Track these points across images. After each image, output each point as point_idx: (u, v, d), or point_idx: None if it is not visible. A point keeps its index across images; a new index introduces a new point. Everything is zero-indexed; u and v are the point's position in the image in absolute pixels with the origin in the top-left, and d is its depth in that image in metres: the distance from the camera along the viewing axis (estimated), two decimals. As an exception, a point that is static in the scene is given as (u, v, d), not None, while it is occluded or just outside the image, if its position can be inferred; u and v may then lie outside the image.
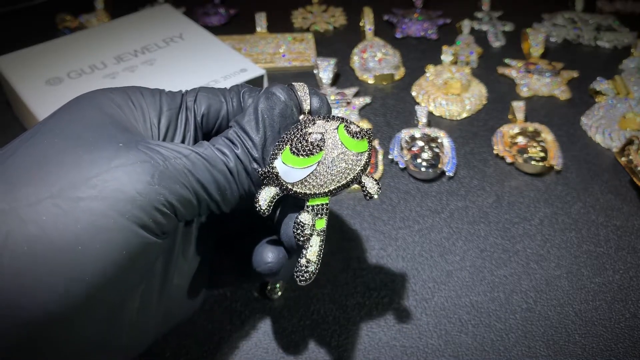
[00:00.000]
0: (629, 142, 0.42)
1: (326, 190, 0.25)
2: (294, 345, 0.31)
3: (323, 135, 0.24)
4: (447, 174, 0.42)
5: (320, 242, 0.26)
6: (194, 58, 0.45)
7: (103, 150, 0.20)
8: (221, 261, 0.29)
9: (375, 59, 0.54)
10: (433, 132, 0.45)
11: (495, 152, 0.44)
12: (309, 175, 0.25)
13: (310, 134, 0.24)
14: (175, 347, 0.31)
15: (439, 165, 0.42)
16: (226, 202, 0.23)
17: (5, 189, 0.19)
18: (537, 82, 0.52)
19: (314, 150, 0.24)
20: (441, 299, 0.33)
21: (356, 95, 0.50)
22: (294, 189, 0.25)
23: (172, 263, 0.25)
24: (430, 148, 0.43)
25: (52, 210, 0.19)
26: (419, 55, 0.56)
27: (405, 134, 0.45)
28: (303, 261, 0.25)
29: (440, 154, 0.43)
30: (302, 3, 0.64)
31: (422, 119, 0.46)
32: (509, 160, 0.43)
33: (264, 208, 0.24)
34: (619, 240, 0.37)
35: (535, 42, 0.55)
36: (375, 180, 0.26)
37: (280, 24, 0.60)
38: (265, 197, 0.24)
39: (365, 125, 0.46)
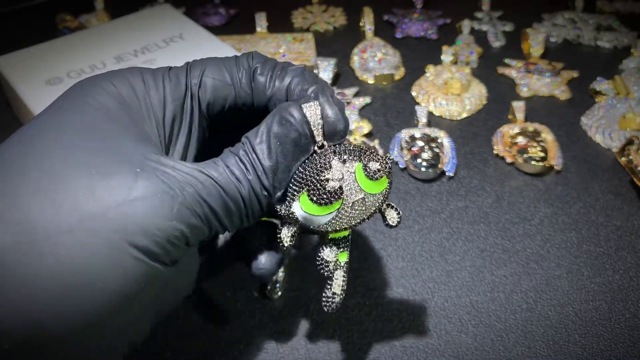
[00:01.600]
0: (629, 142, 0.42)
1: (347, 227, 0.25)
2: (294, 345, 0.31)
3: (341, 183, 0.23)
4: (447, 174, 0.42)
5: (343, 274, 0.27)
6: (194, 58, 0.45)
7: (120, 177, 0.20)
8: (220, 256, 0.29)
9: (375, 59, 0.54)
10: (433, 132, 0.45)
11: (495, 152, 0.44)
12: (329, 220, 0.24)
13: (327, 180, 0.23)
14: (175, 347, 0.31)
15: (439, 165, 0.42)
16: (234, 226, 0.23)
17: (19, 217, 0.18)
18: (537, 82, 0.52)
19: (332, 200, 0.23)
20: (441, 299, 0.33)
21: (356, 95, 0.50)
22: (315, 229, 0.25)
23: None
24: (430, 148, 0.43)
25: (70, 244, 0.18)
26: (419, 55, 0.56)
27: (405, 134, 0.45)
28: (329, 293, 0.26)
29: (440, 154, 0.43)
30: (302, 3, 0.64)
31: (422, 119, 0.46)
32: (509, 160, 0.43)
33: (287, 245, 0.25)
34: (619, 240, 0.37)
35: (535, 42, 0.55)
36: (397, 209, 0.26)
37: (280, 24, 0.60)
38: (288, 234, 0.25)
39: (366, 126, 0.46)
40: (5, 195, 0.19)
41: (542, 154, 0.43)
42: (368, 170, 0.23)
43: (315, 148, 0.24)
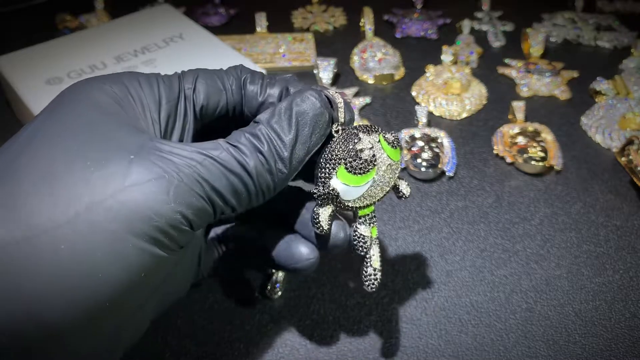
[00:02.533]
0: (629, 142, 0.42)
1: (375, 200, 0.26)
2: (294, 345, 0.31)
3: (373, 151, 0.24)
4: (447, 174, 0.42)
5: (378, 249, 0.27)
6: (194, 58, 0.45)
7: (114, 165, 0.20)
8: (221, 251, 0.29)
9: (375, 59, 0.54)
10: (433, 132, 0.45)
11: (495, 152, 0.44)
12: (366, 190, 0.25)
13: (362, 150, 0.24)
14: (175, 347, 0.31)
15: (439, 165, 0.42)
16: (242, 205, 0.23)
17: (15, 215, 0.18)
18: (537, 82, 0.52)
19: (369, 167, 0.24)
20: (441, 299, 0.33)
21: (356, 95, 0.50)
22: (350, 205, 0.26)
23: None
24: (430, 148, 0.43)
25: (70, 238, 0.18)
26: (419, 55, 0.56)
27: (405, 134, 0.45)
28: (370, 270, 0.27)
29: (440, 154, 0.43)
30: (302, 3, 0.64)
31: (422, 119, 0.46)
32: (509, 160, 0.43)
33: (325, 229, 0.25)
34: (619, 240, 0.37)
35: (535, 42, 0.55)
36: (406, 181, 0.28)
37: (280, 24, 0.60)
38: (325, 217, 0.25)
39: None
40: (1, 195, 0.19)
41: (542, 154, 0.43)
42: (388, 138, 0.25)
43: (335, 129, 0.25)
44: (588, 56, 0.57)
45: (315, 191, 0.25)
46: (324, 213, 0.25)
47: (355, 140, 0.24)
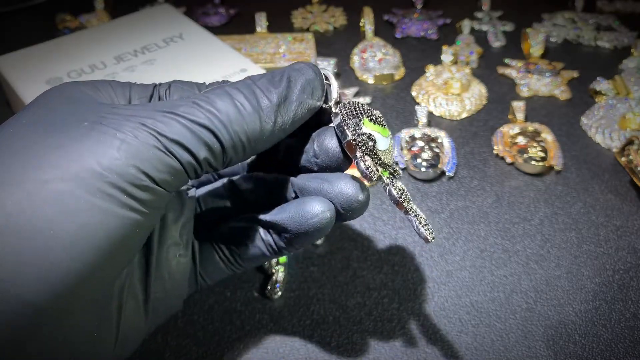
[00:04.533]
0: (629, 142, 0.42)
1: (392, 164, 0.25)
2: (294, 345, 0.31)
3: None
4: (447, 174, 0.42)
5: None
6: (194, 58, 0.45)
7: (68, 132, 0.19)
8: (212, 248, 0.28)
9: (375, 59, 0.54)
10: (433, 132, 0.45)
11: (495, 152, 0.44)
12: (389, 143, 0.25)
13: (369, 111, 0.25)
14: (175, 347, 0.31)
15: (439, 165, 0.42)
16: (218, 160, 0.21)
17: None
18: (537, 82, 0.52)
19: (382, 122, 0.25)
20: (441, 299, 0.33)
21: (356, 95, 0.50)
22: (382, 158, 0.24)
23: (152, 255, 0.25)
24: (430, 148, 0.43)
25: (16, 196, 0.18)
26: (419, 55, 0.56)
27: (405, 134, 0.45)
28: (422, 220, 0.25)
29: (440, 154, 0.43)
30: (302, 3, 0.64)
31: (422, 119, 0.46)
32: (509, 160, 0.43)
33: (376, 177, 0.24)
34: (619, 240, 0.37)
35: (535, 42, 0.55)
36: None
37: (280, 24, 0.60)
38: (369, 165, 0.24)
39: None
40: None
41: (542, 154, 0.43)
42: (373, 119, 0.25)
43: (334, 102, 0.24)
44: (588, 56, 0.57)
45: (349, 134, 0.23)
46: (364, 164, 0.24)
47: (359, 108, 0.24)
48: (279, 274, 0.34)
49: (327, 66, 0.51)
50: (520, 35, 0.58)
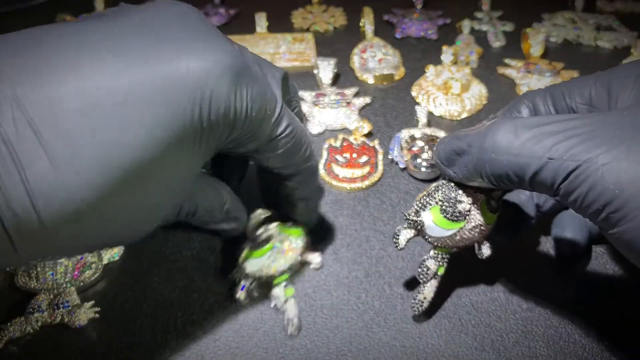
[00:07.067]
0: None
1: (454, 247, 0.30)
2: (294, 346, 0.31)
3: (471, 207, 0.28)
4: (447, 174, 0.42)
5: (436, 285, 0.31)
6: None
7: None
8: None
9: (375, 59, 0.54)
10: (433, 132, 0.45)
11: (495, 152, 0.44)
12: (449, 235, 0.28)
13: (460, 202, 0.28)
14: (175, 346, 0.31)
15: (439, 165, 0.42)
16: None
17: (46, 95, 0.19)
18: (537, 82, 0.52)
19: (461, 218, 0.28)
20: (441, 299, 0.33)
21: (356, 95, 0.50)
22: (430, 240, 0.29)
23: None
24: (431, 148, 0.43)
25: (101, 117, 0.20)
26: (419, 55, 0.56)
27: (405, 134, 0.45)
28: (420, 297, 0.31)
29: (440, 154, 0.43)
30: (302, 3, 0.64)
31: (422, 119, 0.46)
32: (509, 160, 0.43)
33: (402, 246, 0.29)
34: (619, 240, 0.37)
35: (535, 42, 0.55)
36: (489, 243, 0.30)
37: (280, 24, 0.60)
38: (405, 238, 0.29)
39: (367, 125, 0.45)
40: (33, 74, 0.20)
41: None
42: (490, 205, 0.28)
43: (443, 181, 0.29)
44: (588, 56, 0.57)
45: (406, 214, 0.29)
46: (405, 234, 0.29)
47: (460, 192, 0.28)
48: (290, 309, 0.32)
49: (327, 66, 0.50)
50: (520, 35, 0.58)
